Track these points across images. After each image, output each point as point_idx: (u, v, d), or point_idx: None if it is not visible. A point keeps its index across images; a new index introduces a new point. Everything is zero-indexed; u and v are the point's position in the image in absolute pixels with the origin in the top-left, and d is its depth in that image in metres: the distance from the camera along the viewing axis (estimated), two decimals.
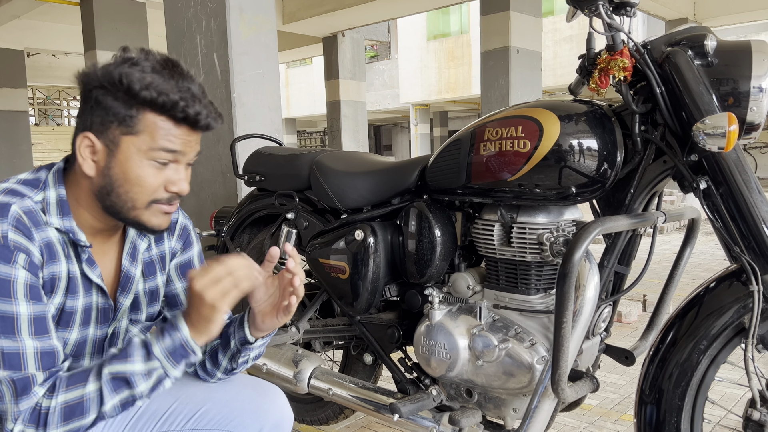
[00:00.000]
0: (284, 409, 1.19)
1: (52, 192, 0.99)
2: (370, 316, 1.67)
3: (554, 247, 1.30)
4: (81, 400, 0.92)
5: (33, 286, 0.93)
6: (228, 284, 0.95)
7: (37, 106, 15.79)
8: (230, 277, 0.95)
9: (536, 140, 1.28)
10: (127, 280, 1.09)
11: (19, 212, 0.93)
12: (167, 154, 0.97)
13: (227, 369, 1.15)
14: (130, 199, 0.98)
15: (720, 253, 5.27)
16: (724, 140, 1.08)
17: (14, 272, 0.90)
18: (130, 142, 0.95)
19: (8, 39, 8.13)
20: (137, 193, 0.98)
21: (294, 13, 7.89)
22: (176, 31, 2.79)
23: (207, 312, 0.94)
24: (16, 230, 0.92)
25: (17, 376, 0.90)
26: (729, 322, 1.16)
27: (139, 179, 0.97)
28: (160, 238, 1.17)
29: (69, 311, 1.01)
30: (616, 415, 2.18)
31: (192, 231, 1.23)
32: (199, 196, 2.84)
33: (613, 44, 1.23)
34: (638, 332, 3.16)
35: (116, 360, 0.94)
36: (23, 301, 0.91)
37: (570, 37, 13.42)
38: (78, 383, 0.93)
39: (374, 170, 1.65)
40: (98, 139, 0.96)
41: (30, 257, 0.92)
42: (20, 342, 0.91)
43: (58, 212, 0.98)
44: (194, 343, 0.96)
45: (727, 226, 1.18)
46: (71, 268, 1.00)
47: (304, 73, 20.13)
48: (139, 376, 0.94)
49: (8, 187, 0.96)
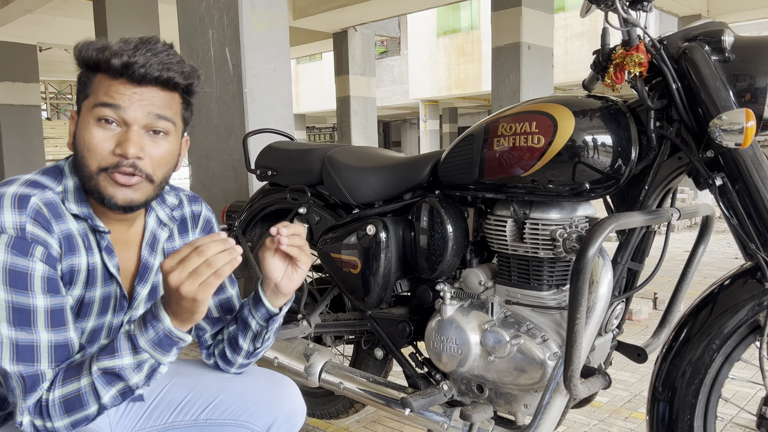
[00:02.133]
0: (297, 401, 1.20)
1: (70, 181, 1.00)
2: (381, 311, 1.67)
3: (567, 243, 1.30)
4: (78, 394, 0.92)
5: (51, 279, 0.93)
6: (205, 273, 0.86)
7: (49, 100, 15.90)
8: (206, 264, 0.86)
9: (550, 136, 1.28)
10: (145, 269, 1.10)
11: (39, 204, 0.94)
12: (106, 109, 0.93)
13: (249, 352, 1.16)
14: (86, 165, 0.95)
15: (731, 252, 5.23)
16: (742, 136, 1.07)
17: (32, 265, 0.91)
18: (84, 107, 0.97)
19: (21, 34, 8.18)
20: (88, 158, 0.95)
21: (305, 8, 7.89)
22: (188, 26, 2.80)
23: (188, 305, 0.88)
24: (35, 222, 0.92)
25: (27, 372, 0.91)
26: (744, 320, 1.15)
27: (86, 140, 0.95)
28: (184, 229, 1.17)
29: (88, 302, 1.02)
30: (626, 413, 2.18)
31: (215, 224, 1.24)
32: (211, 191, 2.85)
33: (628, 39, 1.22)
34: (649, 330, 3.15)
35: (104, 355, 0.92)
36: (40, 294, 0.92)
37: (581, 33, 13.34)
38: (73, 377, 0.93)
39: (386, 165, 1.65)
40: (78, 115, 0.99)
41: (48, 250, 0.93)
42: (35, 335, 0.91)
43: (75, 199, 0.99)
44: (179, 332, 0.92)
45: (742, 223, 1.17)
46: (91, 260, 1.01)
47: (313, 68, 20.14)
48: (130, 369, 0.92)
49: (30, 179, 0.97)
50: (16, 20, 7.42)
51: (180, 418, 1.16)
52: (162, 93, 0.97)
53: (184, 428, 1.16)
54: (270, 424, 1.15)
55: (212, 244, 0.87)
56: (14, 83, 8.47)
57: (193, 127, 2.87)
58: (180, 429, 1.16)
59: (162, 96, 0.97)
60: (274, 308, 1.10)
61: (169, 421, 1.16)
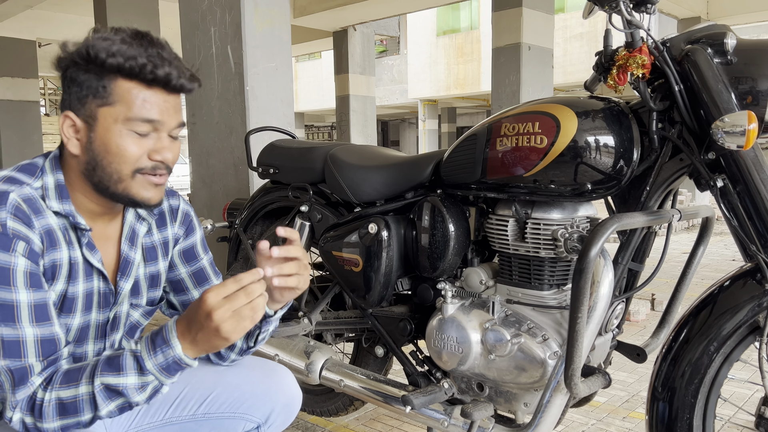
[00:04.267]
0: (293, 389, 1.21)
1: (50, 178, 0.99)
2: (382, 309, 1.68)
3: (568, 243, 1.30)
4: (74, 400, 0.92)
5: (33, 274, 0.93)
6: (247, 316, 0.90)
7: (48, 96, 15.86)
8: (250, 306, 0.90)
9: (553, 136, 1.29)
10: (126, 264, 1.09)
11: (18, 200, 0.93)
12: (145, 125, 0.96)
13: (242, 349, 1.16)
14: (114, 170, 0.97)
15: (728, 253, 5.25)
16: (744, 138, 1.08)
17: (14, 260, 0.90)
18: (107, 114, 0.95)
19: (20, 29, 8.16)
20: (120, 163, 0.96)
21: (305, 7, 7.89)
22: (190, 24, 2.80)
23: (217, 342, 0.91)
24: (15, 218, 0.92)
25: (15, 365, 0.90)
26: (743, 321, 1.16)
27: (120, 149, 0.96)
28: (163, 223, 1.17)
29: (71, 297, 1.01)
30: (624, 413, 2.19)
31: (194, 217, 1.23)
32: (211, 188, 2.85)
33: (632, 41, 1.23)
34: (646, 330, 3.16)
35: (108, 371, 0.92)
36: (23, 289, 0.91)
37: (580, 34, 13.36)
38: (72, 382, 0.93)
39: (388, 164, 1.66)
40: (78, 117, 0.96)
41: (30, 245, 0.92)
42: (20, 330, 0.91)
43: (57, 197, 0.99)
44: (188, 359, 0.93)
45: (743, 224, 1.18)
46: (72, 255, 1.01)
47: (312, 67, 20.12)
48: (133, 389, 0.92)
49: (6, 175, 0.96)
50: (16, 16, 7.41)
51: (177, 414, 1.16)
52: (179, 99, 1.01)
53: (182, 424, 1.16)
54: (268, 414, 1.16)
55: (258, 285, 0.91)
56: (13, 79, 8.46)
57: (194, 124, 2.87)
58: (177, 425, 1.16)
59: (179, 101, 1.01)
60: (269, 310, 1.10)
61: (166, 417, 1.16)
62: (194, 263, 1.22)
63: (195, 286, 1.22)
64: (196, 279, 1.22)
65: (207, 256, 1.25)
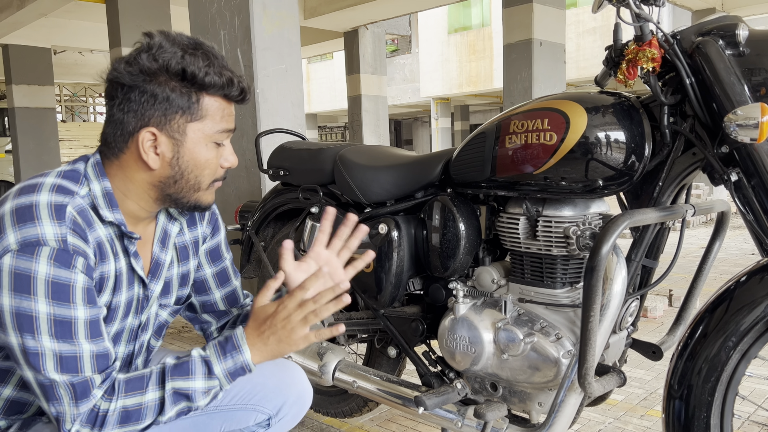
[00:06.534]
0: (305, 384, 1.22)
1: (96, 185, 0.98)
2: (394, 310, 1.67)
3: (581, 240, 1.29)
4: (139, 407, 0.94)
5: (89, 290, 0.93)
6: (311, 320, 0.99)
7: (63, 103, 16.06)
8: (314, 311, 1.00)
9: (563, 133, 1.27)
10: (157, 266, 1.10)
11: (74, 213, 0.92)
12: (226, 134, 1.02)
13: None
14: (197, 182, 1.02)
15: (747, 248, 5.17)
16: (757, 131, 1.06)
17: (74, 277, 0.90)
18: (196, 129, 0.98)
19: (35, 37, 8.28)
20: (206, 175, 1.02)
21: (315, 8, 7.91)
22: (200, 27, 2.81)
23: (285, 347, 0.99)
24: (74, 233, 0.91)
25: (76, 379, 0.90)
26: (761, 316, 1.13)
27: (208, 162, 1.01)
28: (193, 222, 1.18)
29: (114, 308, 1.02)
30: (642, 411, 2.16)
31: (219, 216, 1.25)
32: (223, 191, 2.87)
33: (641, 35, 1.21)
34: (664, 327, 3.12)
35: (179, 375, 0.96)
36: (81, 306, 0.91)
37: (593, 29, 13.25)
38: (137, 390, 0.94)
39: (398, 164, 1.66)
40: (161, 132, 0.96)
41: (87, 260, 0.92)
42: (78, 346, 0.91)
43: (107, 205, 0.98)
44: (254, 366, 1.00)
45: (758, 218, 1.16)
46: (117, 266, 1.01)
47: (324, 68, 20.17)
48: (199, 393, 0.97)
49: (54, 183, 0.93)
50: (31, 24, 7.50)
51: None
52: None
53: (194, 417, 1.17)
54: (280, 406, 1.17)
55: (328, 293, 1.01)
56: (29, 86, 8.57)
57: None
58: (189, 418, 1.17)
59: None
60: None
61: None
62: (219, 263, 1.24)
63: (218, 286, 1.24)
64: (219, 279, 1.24)
65: (229, 255, 1.27)
